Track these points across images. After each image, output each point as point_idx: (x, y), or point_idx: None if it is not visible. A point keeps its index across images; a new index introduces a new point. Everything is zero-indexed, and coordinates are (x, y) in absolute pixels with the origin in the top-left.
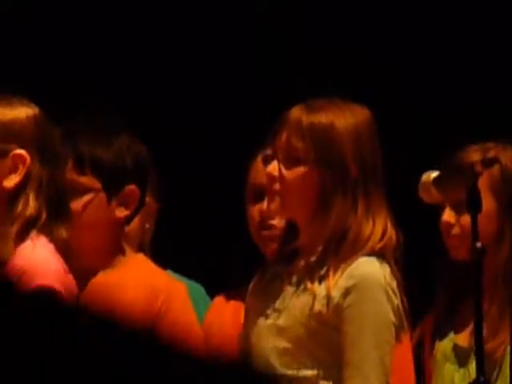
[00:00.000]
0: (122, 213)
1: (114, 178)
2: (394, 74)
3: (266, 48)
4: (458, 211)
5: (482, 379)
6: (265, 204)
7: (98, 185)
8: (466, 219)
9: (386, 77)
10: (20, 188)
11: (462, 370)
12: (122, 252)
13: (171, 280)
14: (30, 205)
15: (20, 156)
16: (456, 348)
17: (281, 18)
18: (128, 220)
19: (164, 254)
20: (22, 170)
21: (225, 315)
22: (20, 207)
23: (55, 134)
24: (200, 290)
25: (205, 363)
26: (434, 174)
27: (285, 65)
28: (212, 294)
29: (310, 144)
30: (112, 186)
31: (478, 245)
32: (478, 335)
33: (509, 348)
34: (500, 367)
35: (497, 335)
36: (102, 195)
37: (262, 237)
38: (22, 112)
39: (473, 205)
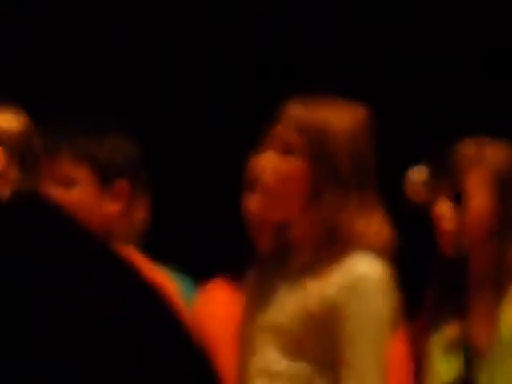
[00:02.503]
0: (112, 208)
1: (107, 174)
2: (381, 72)
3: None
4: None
5: (465, 375)
6: None
7: (91, 178)
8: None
9: (376, 75)
10: None
11: (451, 362)
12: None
13: (161, 275)
14: None
15: None
16: (447, 340)
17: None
18: (117, 216)
19: (154, 247)
20: None
21: (219, 298)
22: None
23: (39, 143)
24: (190, 283)
25: None
26: (420, 170)
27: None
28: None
29: (305, 139)
30: (104, 181)
31: (464, 241)
32: (463, 332)
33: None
34: (488, 360)
35: (485, 329)
36: (95, 188)
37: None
38: (8, 117)
39: (458, 202)
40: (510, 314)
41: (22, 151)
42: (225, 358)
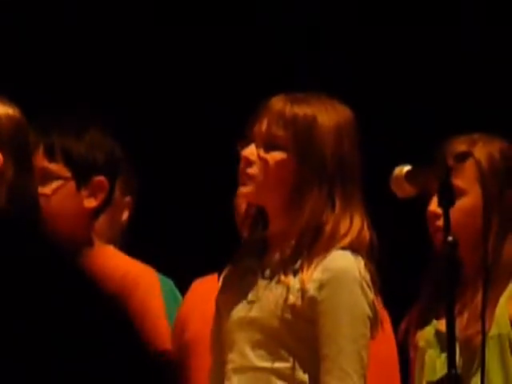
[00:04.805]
0: (90, 203)
1: (84, 169)
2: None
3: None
4: None
5: (453, 372)
6: None
7: (67, 173)
8: (456, 209)
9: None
10: None
11: (442, 356)
12: (91, 244)
13: (142, 266)
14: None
15: None
16: (437, 334)
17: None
18: (96, 213)
19: (133, 248)
20: None
21: (207, 299)
22: None
23: (31, 137)
24: (169, 283)
25: None
26: (407, 167)
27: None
28: (181, 287)
29: (291, 134)
30: (81, 176)
31: (450, 238)
32: (449, 329)
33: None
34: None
35: (478, 324)
36: (71, 184)
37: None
38: (0, 111)
39: (445, 199)
40: (501, 309)
41: (16, 147)
42: (207, 357)
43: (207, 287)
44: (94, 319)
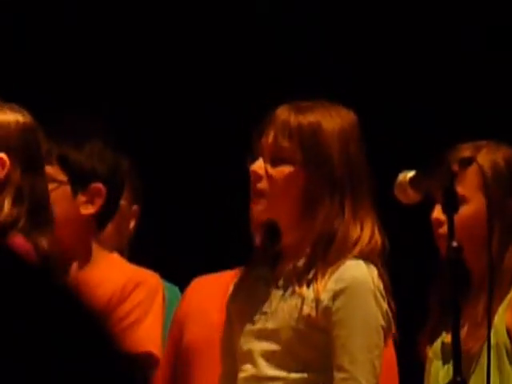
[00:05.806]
0: (87, 210)
1: (80, 175)
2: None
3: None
4: None
5: (458, 379)
6: None
7: (63, 177)
8: (458, 217)
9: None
10: None
11: (445, 367)
12: (90, 251)
13: (146, 272)
14: (5, 210)
15: None
16: (443, 346)
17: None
18: (100, 223)
19: (138, 255)
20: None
21: (206, 299)
22: None
23: (43, 143)
24: (175, 291)
25: None
26: (411, 173)
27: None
28: (183, 290)
29: (298, 144)
30: (77, 182)
31: (454, 244)
32: (454, 335)
33: (486, 344)
34: (477, 362)
35: (478, 332)
36: (66, 188)
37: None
38: (10, 117)
39: (449, 205)
40: (499, 318)
41: (25, 152)
42: (210, 361)
43: (207, 287)
44: (69, 329)
